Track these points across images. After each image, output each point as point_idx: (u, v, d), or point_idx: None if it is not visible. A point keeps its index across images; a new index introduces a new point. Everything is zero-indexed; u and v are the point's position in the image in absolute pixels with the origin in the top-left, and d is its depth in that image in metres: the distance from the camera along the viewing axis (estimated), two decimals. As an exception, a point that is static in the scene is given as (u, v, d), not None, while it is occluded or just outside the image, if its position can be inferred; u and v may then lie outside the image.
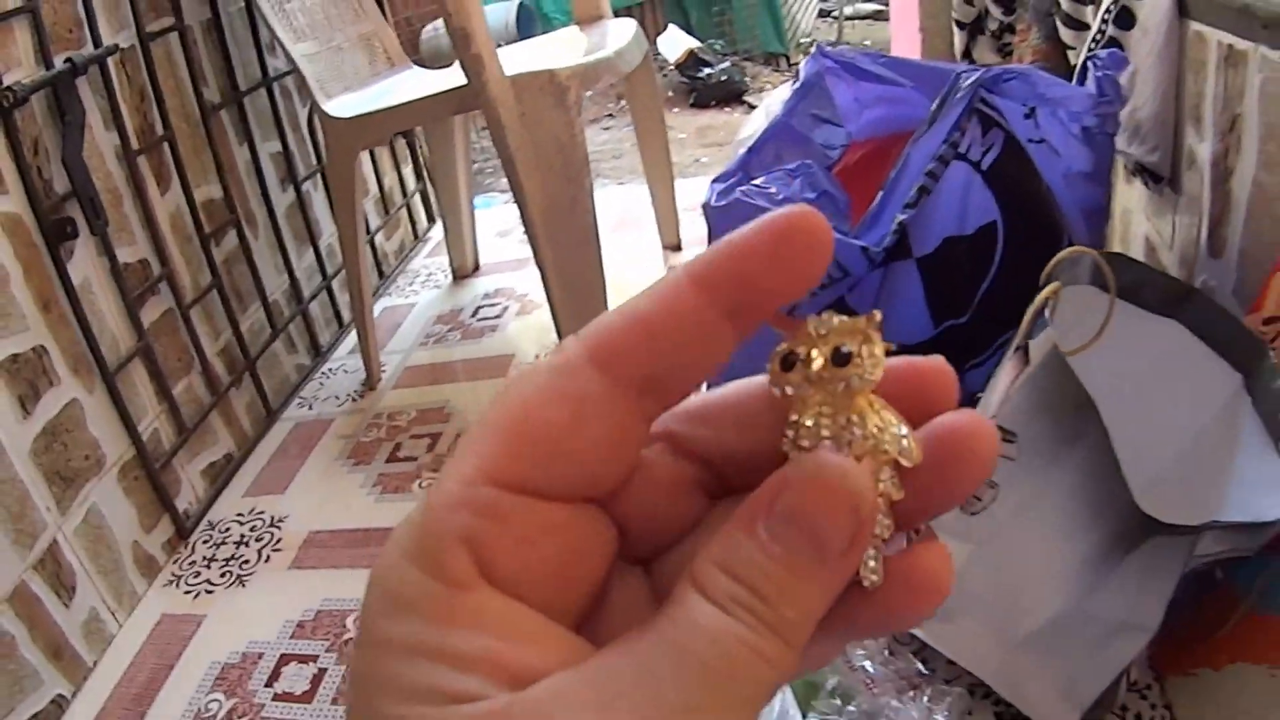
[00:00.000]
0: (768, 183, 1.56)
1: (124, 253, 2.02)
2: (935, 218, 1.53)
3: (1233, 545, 1.14)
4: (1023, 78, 1.53)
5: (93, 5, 1.98)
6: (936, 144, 1.51)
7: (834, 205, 1.55)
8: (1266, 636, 1.17)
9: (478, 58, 2.04)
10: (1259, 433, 1.26)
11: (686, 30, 7.19)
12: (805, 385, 0.33)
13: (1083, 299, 1.35)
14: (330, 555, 2.04)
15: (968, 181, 1.52)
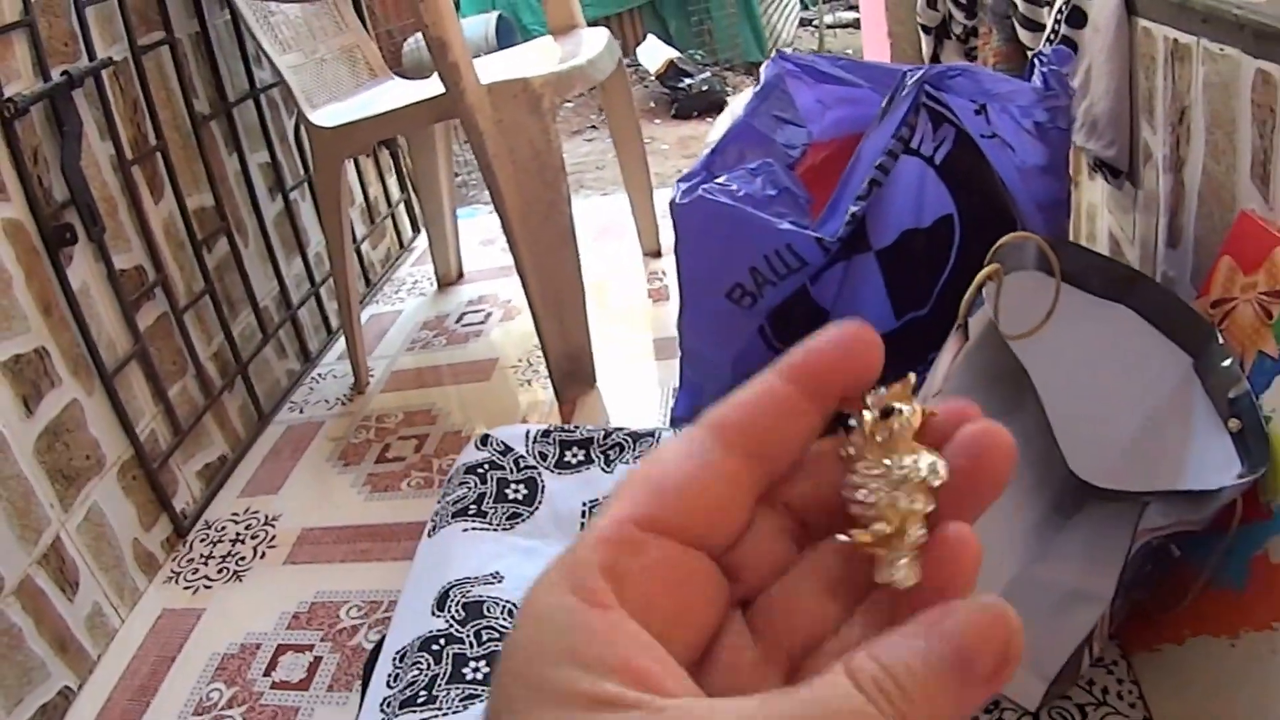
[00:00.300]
0: (729, 180, 1.60)
1: (120, 259, 2.06)
2: (892, 211, 1.56)
3: (1180, 518, 1.15)
4: (968, 74, 1.57)
5: (87, 19, 2.04)
6: (886, 138, 1.54)
7: (794, 201, 1.59)
8: (1223, 609, 1.20)
9: (454, 66, 2.10)
10: (1209, 411, 1.29)
11: (666, 40, 7.19)
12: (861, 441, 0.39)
13: (1029, 285, 1.38)
14: (323, 551, 2.09)
15: (922, 175, 1.55)
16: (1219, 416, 1.27)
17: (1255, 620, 1.15)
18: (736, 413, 0.40)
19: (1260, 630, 1.14)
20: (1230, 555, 1.20)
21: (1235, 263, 1.33)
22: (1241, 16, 1.29)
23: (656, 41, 6.91)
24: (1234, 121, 1.36)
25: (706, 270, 1.64)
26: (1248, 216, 1.33)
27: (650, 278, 3.10)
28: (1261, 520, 1.17)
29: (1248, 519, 1.18)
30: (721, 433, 0.39)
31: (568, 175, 2.25)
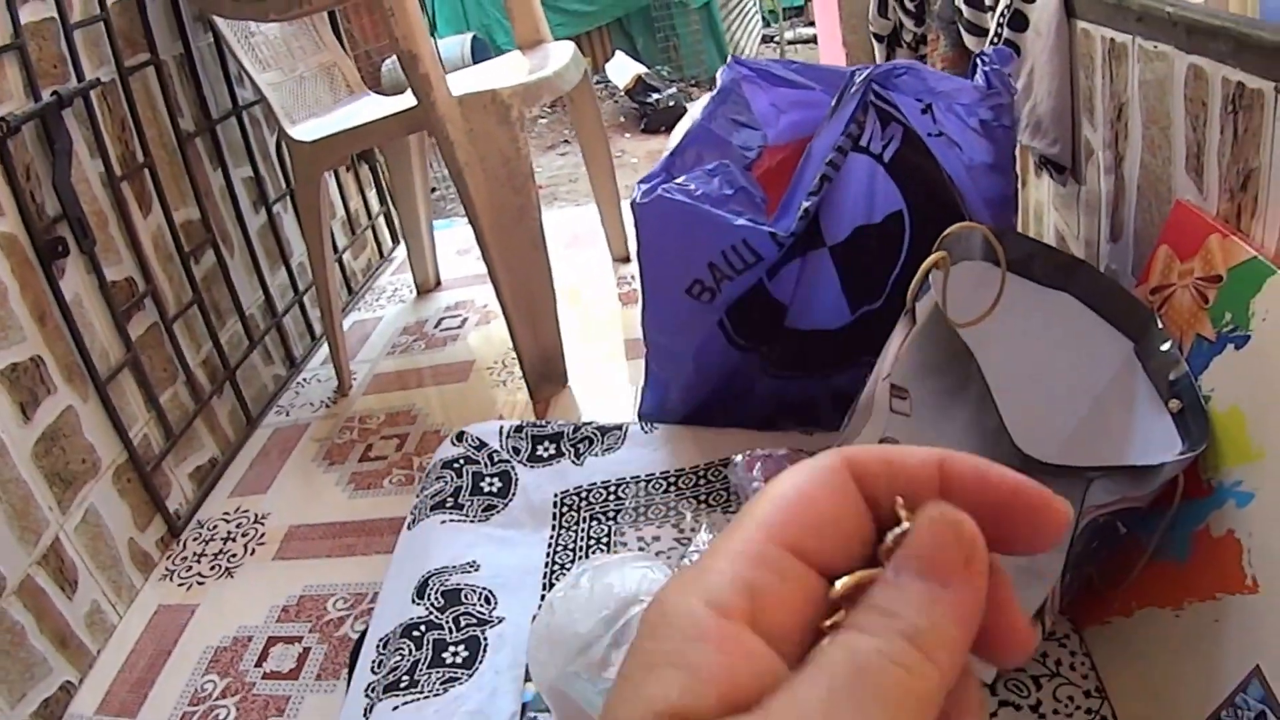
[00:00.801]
0: (688, 180, 1.62)
1: (111, 271, 2.07)
2: (844, 208, 1.59)
3: (1123, 495, 1.16)
4: (912, 72, 1.59)
5: (75, 42, 2.05)
6: (835, 136, 1.56)
7: (750, 200, 1.60)
8: (1168, 582, 1.21)
9: (425, 79, 2.11)
10: (1150, 393, 1.31)
11: (634, 57, 7.22)
12: None
13: (976, 273, 1.40)
14: (310, 547, 2.10)
15: (872, 173, 1.57)
16: (1160, 397, 1.28)
17: (1198, 591, 1.16)
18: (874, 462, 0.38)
19: (1203, 600, 1.15)
20: (1173, 530, 1.22)
21: (1172, 251, 1.35)
22: (1174, 14, 1.31)
23: (625, 58, 6.93)
24: (1169, 116, 1.38)
25: (667, 267, 1.66)
26: (1183, 206, 1.35)
27: (620, 282, 3.11)
28: (1202, 496, 1.19)
29: (1189, 495, 1.19)
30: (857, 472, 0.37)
31: (543, 188, 2.26)
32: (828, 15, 2.97)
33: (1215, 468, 1.18)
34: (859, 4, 2.72)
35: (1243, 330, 1.16)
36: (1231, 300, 1.19)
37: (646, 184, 1.65)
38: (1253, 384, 1.15)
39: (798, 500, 0.36)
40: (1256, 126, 1.16)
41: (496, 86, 2.20)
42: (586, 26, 7.90)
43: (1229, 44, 1.19)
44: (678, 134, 1.81)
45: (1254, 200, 1.20)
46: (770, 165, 1.79)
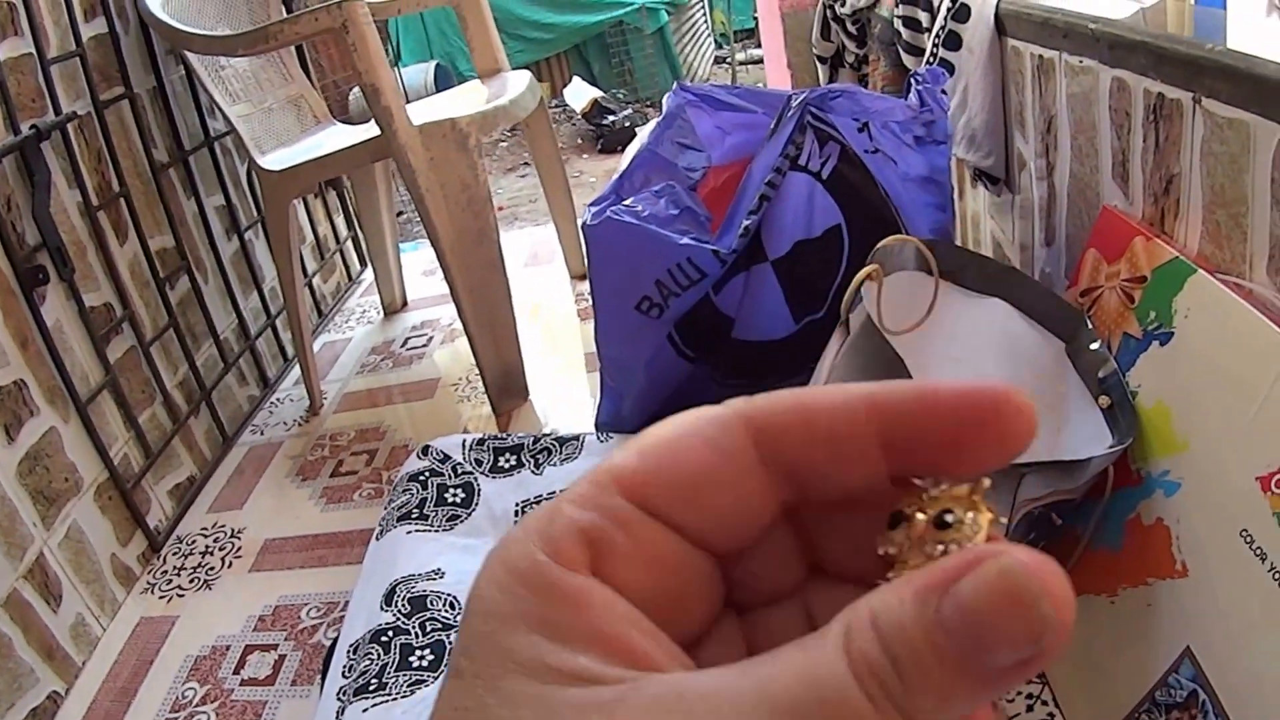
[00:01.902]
0: (635, 202, 1.64)
1: (90, 297, 2.08)
2: (785, 224, 1.61)
3: (1056, 487, 1.19)
4: (848, 95, 1.61)
5: (52, 76, 2.06)
6: (774, 156, 1.59)
7: (695, 219, 1.62)
8: (1103, 570, 1.24)
9: (387, 109, 2.14)
10: (1081, 390, 1.34)
11: (590, 82, 7.24)
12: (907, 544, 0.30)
13: (910, 283, 1.42)
14: (284, 559, 2.12)
15: (810, 190, 1.59)
16: (1090, 394, 1.31)
17: (1132, 578, 1.19)
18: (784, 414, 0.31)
19: (1137, 586, 1.18)
20: (1107, 520, 1.25)
21: (1100, 254, 1.38)
22: (1097, 30, 1.34)
23: (581, 83, 6.96)
24: (1095, 127, 1.41)
25: (616, 285, 1.68)
26: (1109, 211, 1.38)
27: (578, 298, 3.14)
28: (1133, 486, 1.21)
29: (1121, 486, 1.22)
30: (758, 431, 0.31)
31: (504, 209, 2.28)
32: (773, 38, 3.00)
33: (1144, 459, 1.21)
34: (803, 27, 2.76)
35: (1166, 327, 1.20)
36: (1156, 299, 1.22)
37: (596, 206, 1.67)
38: (1177, 378, 1.18)
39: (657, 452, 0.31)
40: (1176, 134, 1.20)
41: (455, 115, 2.23)
42: (545, 53, 7.93)
43: (1149, 57, 1.22)
44: (627, 157, 1.83)
45: (1176, 204, 1.23)
46: (715, 185, 1.81)
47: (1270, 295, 1.07)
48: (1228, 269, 1.15)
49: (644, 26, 7.68)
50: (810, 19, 2.69)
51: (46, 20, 2.12)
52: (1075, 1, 1.53)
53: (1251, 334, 1.05)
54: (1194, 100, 1.14)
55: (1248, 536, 1.00)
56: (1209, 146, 1.13)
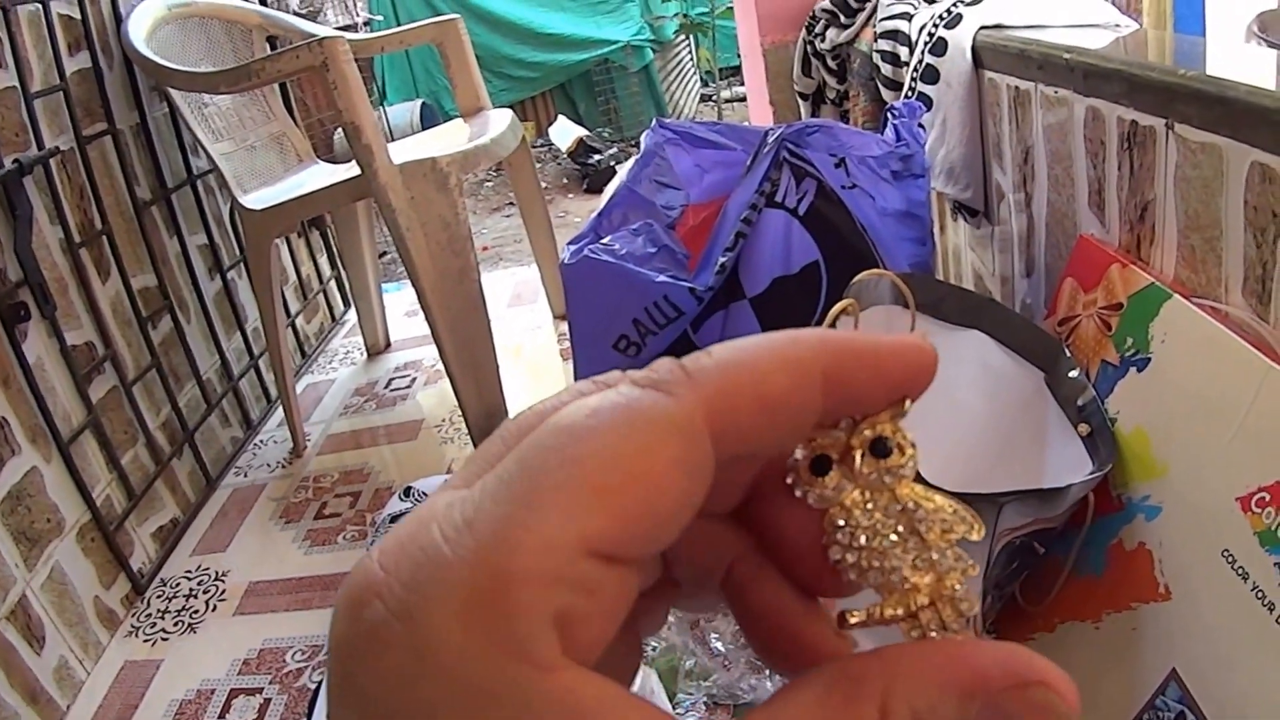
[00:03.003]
0: (613, 241, 1.68)
1: (72, 335, 2.09)
2: (763, 261, 1.63)
3: (1036, 516, 1.21)
4: (824, 130, 1.65)
5: (35, 111, 2.08)
6: (749, 194, 1.62)
7: (672, 257, 1.66)
8: (1087, 595, 1.27)
9: (368, 148, 2.17)
10: (1060, 419, 1.36)
11: (576, 120, 7.27)
12: (844, 485, 0.31)
13: (887, 318, 1.45)
14: (269, 602, 2.13)
15: (787, 226, 1.62)
16: (1070, 423, 1.33)
17: (1115, 602, 1.21)
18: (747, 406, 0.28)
19: (1120, 611, 1.20)
20: (1089, 546, 1.27)
21: (1077, 283, 1.40)
22: (1071, 60, 1.38)
23: (567, 121, 6.98)
24: (1071, 156, 1.45)
25: (594, 324, 1.70)
26: (1086, 240, 1.41)
27: (560, 338, 3.17)
28: (1114, 512, 1.24)
29: (1102, 512, 1.24)
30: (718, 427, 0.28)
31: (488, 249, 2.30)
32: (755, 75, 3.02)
33: (1124, 484, 1.23)
34: (785, 64, 2.79)
35: (1143, 353, 1.22)
36: (1132, 326, 1.25)
37: (574, 245, 1.70)
38: (1155, 403, 1.20)
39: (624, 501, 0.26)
40: (1150, 161, 1.23)
41: (435, 155, 2.26)
42: (530, 91, 7.97)
43: (1122, 85, 1.26)
44: (606, 195, 1.85)
45: (1151, 230, 1.26)
46: (694, 223, 1.84)
47: (1246, 317, 1.09)
48: (1204, 293, 1.17)
49: (629, 64, 7.74)
50: (792, 55, 2.72)
51: (30, 54, 2.14)
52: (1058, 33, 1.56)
53: (1228, 356, 1.07)
54: (1166, 126, 1.18)
55: (1229, 557, 1.03)
56: (1182, 172, 1.17)
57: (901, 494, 0.31)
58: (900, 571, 0.30)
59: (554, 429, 0.27)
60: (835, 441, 0.31)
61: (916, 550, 0.30)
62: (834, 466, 0.31)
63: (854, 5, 2.32)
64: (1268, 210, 1.03)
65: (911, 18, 1.98)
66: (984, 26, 1.73)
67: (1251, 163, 1.04)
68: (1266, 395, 1.00)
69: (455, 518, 0.26)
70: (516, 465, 0.27)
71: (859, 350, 0.30)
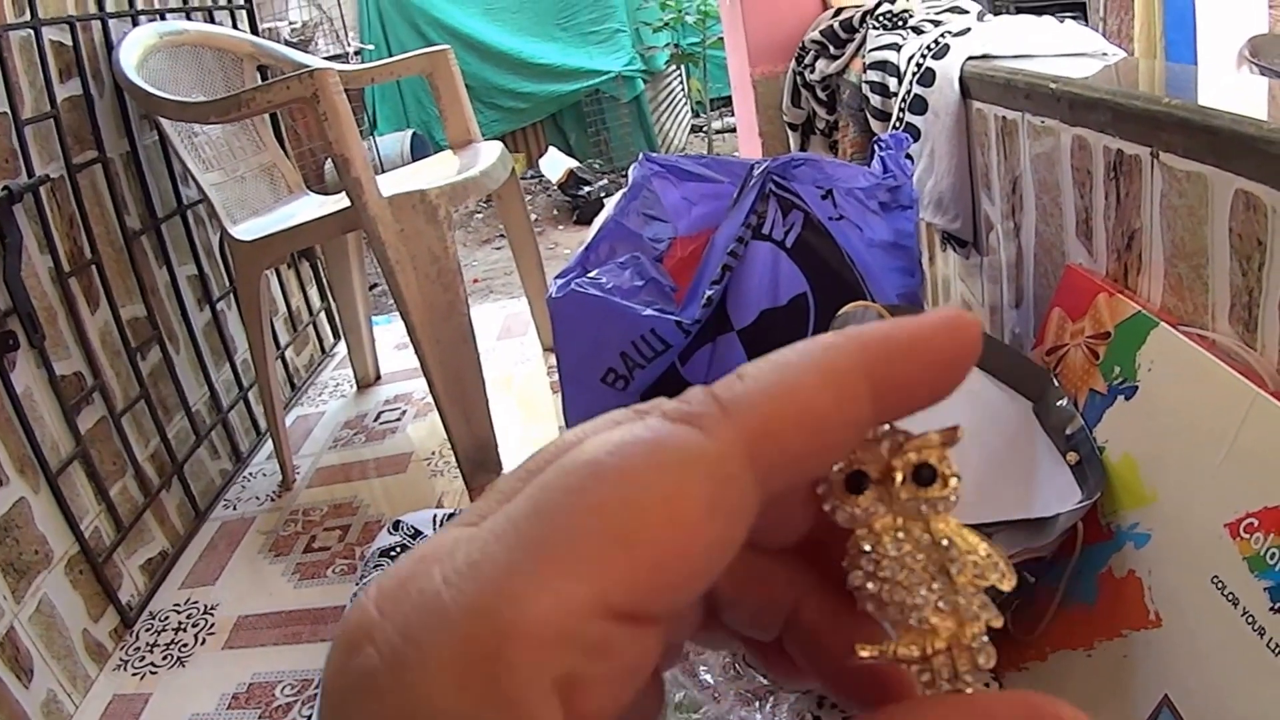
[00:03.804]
0: (600, 274, 1.68)
1: (60, 365, 2.10)
2: (750, 293, 1.64)
3: (1025, 546, 1.21)
4: (811, 163, 1.65)
5: (25, 138, 2.09)
6: (736, 226, 1.63)
7: (660, 290, 1.67)
8: (1079, 623, 1.27)
9: (357, 181, 2.19)
10: (1049, 448, 1.37)
11: (566, 151, 7.31)
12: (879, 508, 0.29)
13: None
14: (258, 636, 2.13)
15: (775, 258, 1.63)
16: (1058, 452, 1.34)
17: (1107, 630, 1.22)
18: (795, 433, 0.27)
19: (1112, 639, 1.20)
20: (1079, 575, 1.27)
21: (1064, 313, 1.42)
22: (1057, 89, 1.40)
23: (557, 153, 7.02)
24: (1058, 185, 1.46)
25: (582, 357, 1.71)
26: (1073, 269, 1.43)
27: (550, 370, 3.18)
28: (1104, 540, 1.24)
29: (1091, 541, 1.25)
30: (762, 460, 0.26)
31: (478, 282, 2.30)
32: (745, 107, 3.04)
33: (1113, 513, 1.24)
34: (774, 95, 2.81)
35: (1131, 381, 1.23)
36: (1120, 354, 1.26)
37: (562, 279, 1.71)
38: (1142, 431, 1.22)
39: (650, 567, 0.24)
40: (1136, 190, 1.25)
41: (425, 187, 2.27)
42: (521, 122, 8.01)
43: (1107, 114, 1.28)
44: (594, 228, 1.87)
45: (1138, 258, 1.28)
46: (682, 256, 1.85)
47: (1233, 344, 1.11)
48: (1190, 320, 1.19)
49: (620, 95, 7.78)
50: (782, 86, 2.74)
51: (22, 80, 2.15)
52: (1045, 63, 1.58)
53: (1215, 383, 1.09)
54: (1152, 155, 1.19)
55: (1219, 583, 1.04)
56: (1168, 200, 1.18)
57: (936, 528, 0.29)
58: (922, 611, 0.29)
59: (572, 466, 0.25)
60: (876, 459, 0.29)
61: (942, 591, 0.29)
62: (870, 486, 0.29)
63: (843, 36, 2.35)
64: (1253, 238, 1.04)
65: (900, 48, 2.00)
66: (971, 57, 1.75)
67: (1236, 190, 1.05)
68: (1254, 422, 1.02)
69: (459, 561, 0.24)
70: (529, 506, 0.25)
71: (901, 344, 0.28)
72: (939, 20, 1.99)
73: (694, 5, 7.70)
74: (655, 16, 7.92)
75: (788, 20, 2.77)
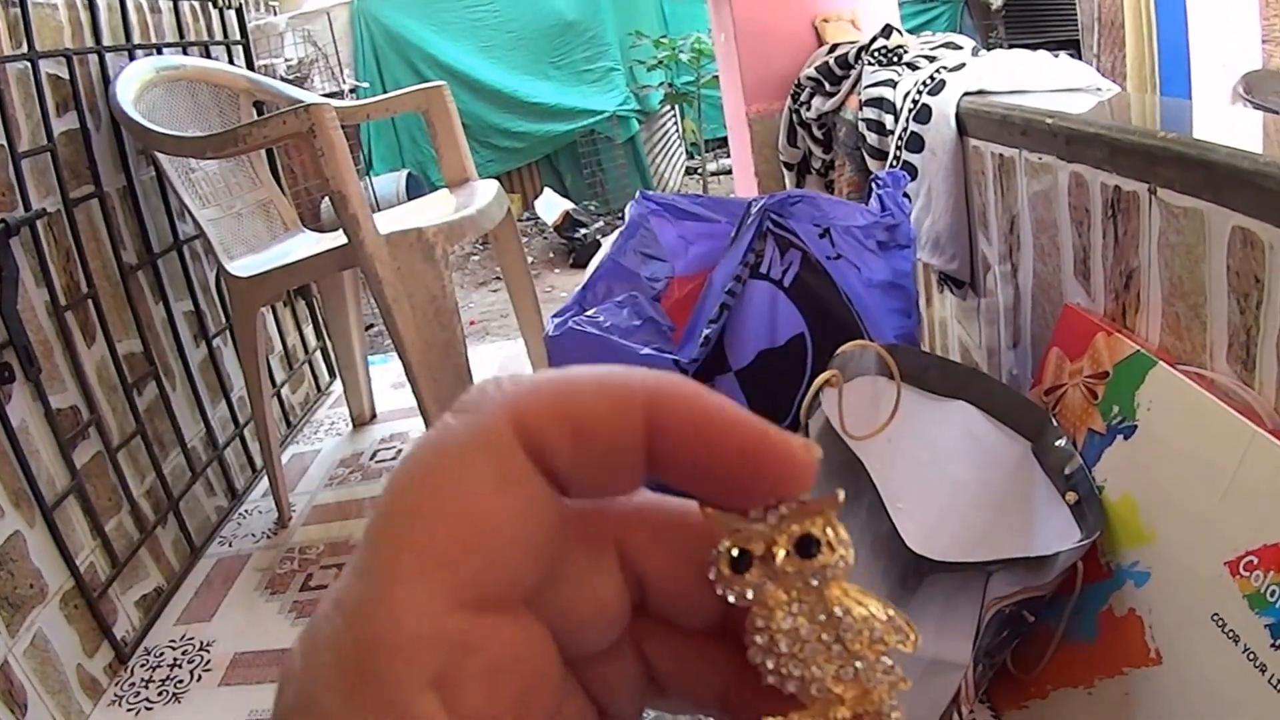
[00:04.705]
0: (598, 313, 1.69)
1: (56, 399, 2.10)
2: (748, 334, 1.65)
3: (1024, 585, 1.22)
4: (808, 200, 1.67)
5: (22, 171, 2.10)
6: (734, 266, 1.64)
7: (657, 329, 1.69)
8: (1079, 662, 1.28)
9: (354, 218, 2.19)
10: (1048, 488, 1.38)
11: (562, 193, 7.36)
12: (766, 583, 0.29)
13: (873, 389, 1.47)
14: (254, 673, 2.13)
15: (773, 298, 1.64)
16: (1057, 491, 1.35)
17: (1107, 668, 1.23)
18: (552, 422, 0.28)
19: (1112, 676, 1.21)
20: (1079, 613, 1.28)
21: (1063, 352, 1.42)
22: (1054, 125, 1.41)
23: (553, 195, 7.06)
24: (1056, 224, 1.47)
25: (578, 397, 1.72)
26: (1071, 309, 1.44)
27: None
28: (1104, 579, 1.25)
29: (1091, 579, 1.26)
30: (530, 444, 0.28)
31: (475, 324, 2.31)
32: (741, 146, 3.05)
33: (1113, 551, 1.25)
34: (770, 134, 2.83)
35: (1130, 421, 1.24)
36: (1118, 394, 1.27)
37: (559, 317, 1.72)
38: (1141, 471, 1.22)
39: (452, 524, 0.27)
40: (1135, 228, 1.26)
41: (421, 225, 2.28)
42: (517, 162, 8.06)
43: (1104, 149, 1.29)
44: (591, 267, 1.88)
45: (1136, 298, 1.29)
46: (679, 296, 1.86)
47: (1230, 383, 1.11)
48: (1188, 359, 1.20)
49: (615, 135, 7.82)
50: (778, 124, 2.76)
51: (19, 113, 2.16)
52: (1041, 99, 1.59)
53: (1213, 422, 1.09)
54: (1149, 191, 1.20)
55: (1219, 620, 1.04)
56: (1166, 238, 1.19)
57: (830, 596, 0.29)
58: (822, 682, 0.29)
59: (386, 490, 0.28)
60: (759, 535, 0.29)
61: (841, 660, 0.29)
62: (756, 562, 0.29)
63: (839, 73, 2.36)
64: (1250, 275, 1.05)
65: (895, 85, 2.02)
66: (967, 93, 1.76)
67: (1233, 227, 1.06)
68: (1252, 460, 1.02)
69: (331, 596, 0.27)
70: (365, 536, 0.27)
71: (692, 404, 0.29)
72: (934, 56, 2.01)
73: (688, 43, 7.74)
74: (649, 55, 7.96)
75: (783, 57, 2.79)
